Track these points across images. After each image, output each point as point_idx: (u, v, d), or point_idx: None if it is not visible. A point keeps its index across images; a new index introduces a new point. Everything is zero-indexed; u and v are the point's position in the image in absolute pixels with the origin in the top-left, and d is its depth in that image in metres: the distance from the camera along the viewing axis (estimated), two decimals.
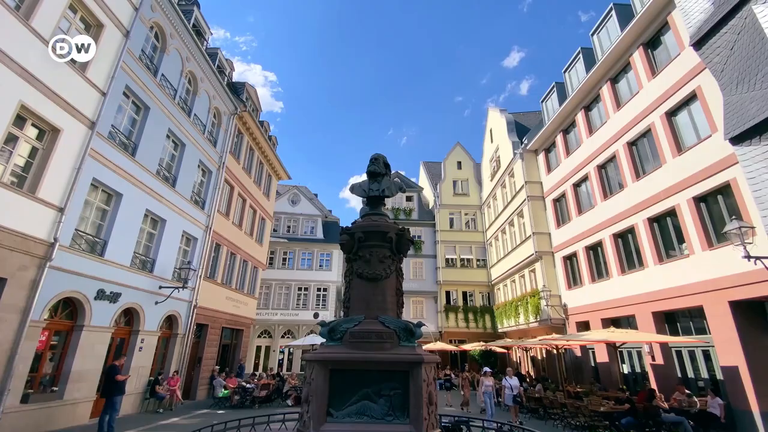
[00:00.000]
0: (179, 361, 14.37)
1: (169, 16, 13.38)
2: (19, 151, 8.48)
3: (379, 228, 4.49)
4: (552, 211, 19.16)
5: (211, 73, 16.31)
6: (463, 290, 26.82)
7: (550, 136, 19.70)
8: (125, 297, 11.42)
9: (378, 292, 4.27)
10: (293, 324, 27.38)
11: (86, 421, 10.10)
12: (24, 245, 8.32)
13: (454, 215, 28.91)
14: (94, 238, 10.60)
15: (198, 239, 15.52)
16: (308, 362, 4.04)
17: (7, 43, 7.85)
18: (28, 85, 8.36)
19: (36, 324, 8.72)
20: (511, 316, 21.88)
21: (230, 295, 18.64)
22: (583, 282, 16.39)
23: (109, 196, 11.16)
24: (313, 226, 30.51)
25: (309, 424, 3.59)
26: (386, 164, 5.31)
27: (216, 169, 16.92)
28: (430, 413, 3.67)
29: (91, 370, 10.33)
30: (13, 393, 8.22)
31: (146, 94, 12.27)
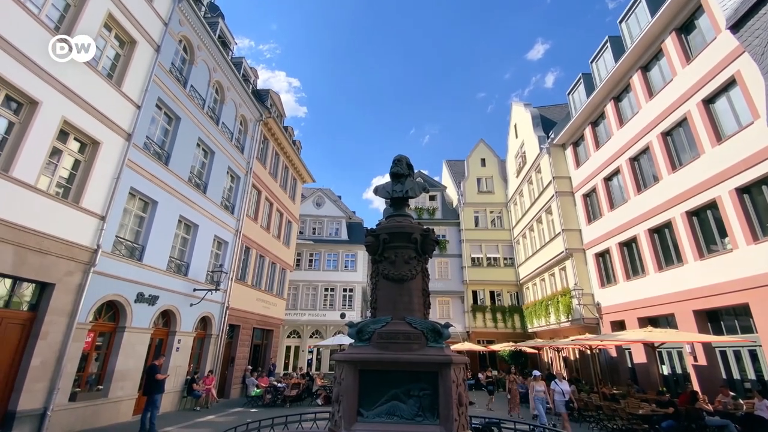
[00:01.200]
0: (213, 360, 14.90)
1: (196, 29, 13.91)
2: (63, 164, 9.06)
3: (404, 229, 4.51)
4: (582, 206, 18.55)
5: (236, 81, 16.82)
6: (491, 290, 26.38)
7: (578, 129, 19.09)
8: (162, 299, 11.96)
9: (404, 293, 4.29)
10: (321, 324, 27.80)
11: (129, 418, 10.64)
12: (70, 252, 8.87)
13: (479, 213, 28.50)
14: (133, 244, 11.17)
15: (229, 243, 16.04)
16: (338, 362, 4.11)
17: (48, 63, 8.39)
18: (70, 102, 8.91)
19: (82, 326, 9.28)
20: (541, 315, 21.35)
21: (260, 297, 19.14)
22: (617, 280, 15.78)
23: (146, 204, 11.73)
24: (337, 228, 30.87)
25: (340, 423, 3.66)
26: (409, 165, 5.32)
27: (244, 174, 17.44)
28: (461, 414, 3.65)
29: (133, 370, 10.88)
30: (62, 391, 8.78)
31: (177, 105, 12.81)
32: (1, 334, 7.76)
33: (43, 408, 8.30)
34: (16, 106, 8.00)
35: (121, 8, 10.43)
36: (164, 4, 12.23)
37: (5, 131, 7.80)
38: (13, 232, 7.63)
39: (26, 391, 7.98)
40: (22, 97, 8.01)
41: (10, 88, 7.73)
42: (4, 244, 7.51)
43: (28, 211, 7.95)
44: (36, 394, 8.20)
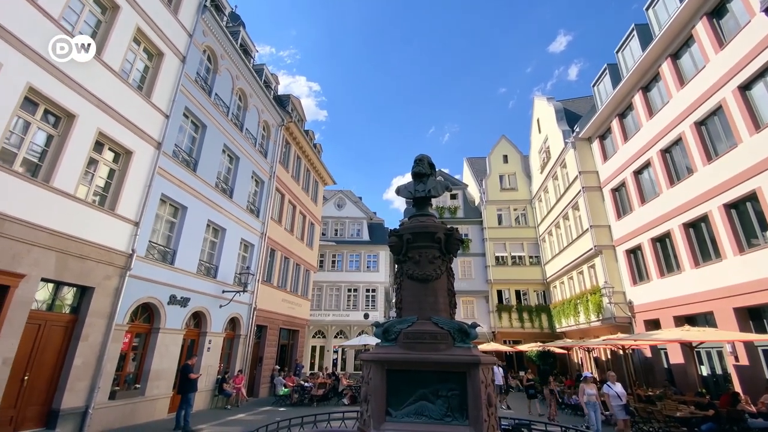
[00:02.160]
0: (243, 360, 15.29)
1: (219, 39, 14.33)
2: (99, 173, 9.52)
3: (427, 229, 4.50)
4: (611, 201, 17.94)
5: (258, 88, 17.22)
6: (516, 289, 25.89)
7: (604, 121, 18.48)
8: (193, 301, 12.38)
9: (429, 293, 4.28)
10: (345, 324, 28.04)
11: (165, 415, 11.06)
12: (107, 257, 9.32)
13: (502, 211, 28.03)
14: (165, 248, 11.61)
15: (255, 245, 16.43)
16: (365, 362, 4.15)
17: (84, 77, 8.84)
18: (104, 114, 9.36)
19: (120, 327, 9.72)
20: (569, 314, 20.77)
21: (286, 298, 19.50)
22: (651, 277, 15.16)
23: (176, 210, 12.18)
24: (359, 229, 31.08)
25: (369, 422, 3.69)
26: (431, 164, 5.30)
27: (268, 178, 17.82)
28: (490, 415, 3.61)
29: (167, 369, 11.31)
30: (103, 390, 9.22)
31: (203, 114, 13.24)
32: (46, 336, 8.23)
33: (85, 406, 8.74)
34: (54, 119, 8.47)
35: (149, 22, 10.88)
36: (188, 16, 12.67)
37: (45, 143, 8.27)
38: (54, 239, 8.09)
39: (69, 390, 8.43)
40: (60, 111, 8.47)
41: (49, 102, 8.19)
42: (47, 251, 7.97)
43: (68, 219, 8.40)
44: (78, 393, 8.65)
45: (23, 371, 7.74)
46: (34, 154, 8.05)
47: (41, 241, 7.81)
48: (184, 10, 12.46)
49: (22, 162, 7.74)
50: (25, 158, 7.80)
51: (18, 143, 7.70)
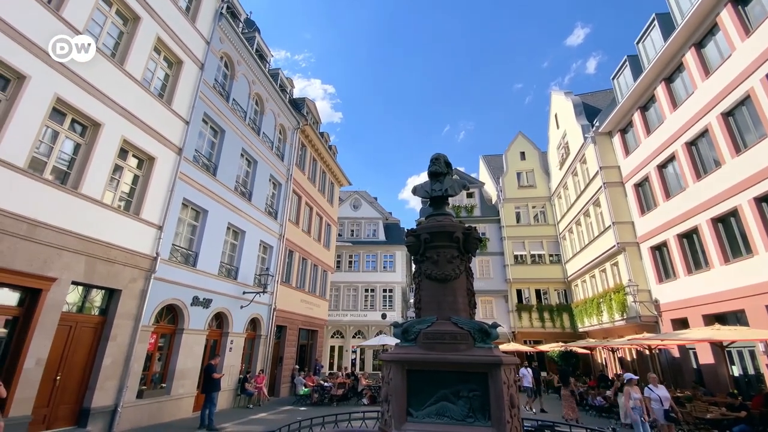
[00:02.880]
0: (263, 360, 15.53)
1: (235, 45, 14.61)
2: (124, 179, 9.85)
3: (445, 228, 4.47)
4: (634, 197, 17.43)
5: (274, 92, 17.47)
6: (536, 288, 25.44)
7: (625, 115, 17.97)
8: (215, 302, 12.65)
9: (448, 293, 4.25)
10: (363, 325, 28.14)
11: (189, 414, 11.34)
12: (133, 260, 9.63)
13: (520, 209, 27.60)
14: (188, 251, 11.91)
15: (273, 247, 16.68)
16: (385, 362, 4.15)
17: (108, 87, 9.15)
18: (128, 122, 9.67)
19: (146, 328, 10.02)
20: (592, 314, 20.28)
21: (304, 298, 19.71)
22: (677, 274, 14.65)
23: (197, 213, 12.47)
24: (375, 229, 31.16)
25: (390, 422, 3.69)
26: (447, 163, 5.27)
27: (285, 181, 18.06)
28: (513, 416, 3.56)
29: (192, 369, 11.59)
30: (131, 389, 9.53)
31: (221, 119, 13.52)
32: (76, 337, 8.56)
33: (114, 405, 9.05)
34: (81, 128, 8.80)
35: (168, 31, 11.18)
36: (206, 23, 12.96)
37: (73, 152, 8.60)
38: (83, 244, 8.40)
39: (99, 389, 8.74)
40: (86, 120, 8.80)
41: (76, 112, 8.52)
42: (77, 255, 8.29)
43: (96, 224, 8.71)
44: (107, 392, 8.96)
45: (55, 371, 8.06)
46: (62, 163, 8.39)
47: (71, 245, 8.13)
48: (202, 18, 12.76)
49: (52, 170, 8.08)
50: (54, 166, 8.14)
51: (47, 152, 8.03)
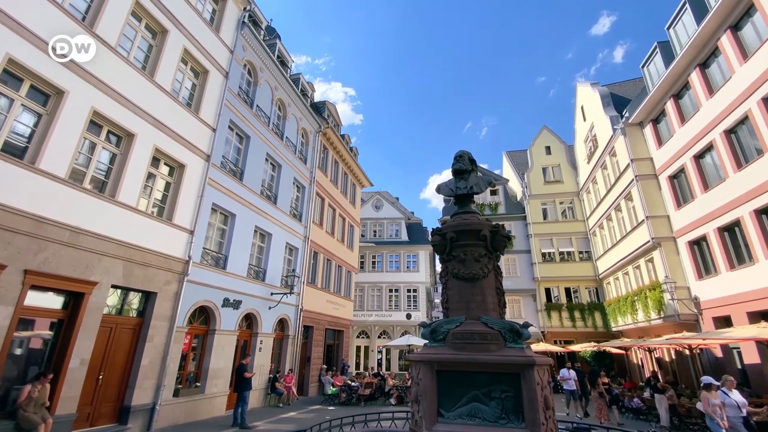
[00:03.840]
0: (292, 360, 15.82)
1: (257, 53, 14.95)
2: (157, 187, 10.26)
3: (471, 226, 4.40)
4: (669, 189, 16.63)
5: (296, 97, 17.77)
6: (566, 286, 24.69)
7: (657, 103, 17.18)
8: (245, 304, 12.98)
9: (477, 292, 4.18)
10: (388, 325, 28.17)
11: (223, 412, 11.68)
12: (167, 264, 10.01)
13: (547, 205, 26.88)
14: (218, 254, 12.28)
15: (299, 249, 16.96)
16: (413, 362, 4.13)
17: (140, 98, 9.56)
18: (159, 132, 10.07)
19: (180, 329, 10.40)
20: (626, 312, 19.49)
21: (330, 299, 19.93)
22: (719, 270, 13.86)
23: (226, 217, 12.84)
24: (397, 229, 31.14)
25: (421, 423, 3.67)
26: (471, 160, 5.19)
27: (308, 184, 18.34)
28: (548, 418, 3.46)
29: (224, 368, 11.94)
30: (168, 388, 9.91)
31: (246, 125, 13.87)
32: (116, 338, 8.98)
33: (152, 403, 9.43)
34: (116, 139, 9.23)
35: (194, 43, 11.57)
36: (229, 33, 13.33)
37: (109, 162, 9.03)
38: (121, 249, 8.81)
39: (138, 388, 9.13)
40: (121, 131, 9.22)
41: (111, 124, 8.94)
42: (115, 260, 8.70)
43: (132, 230, 9.11)
44: (146, 391, 9.34)
45: (98, 371, 8.48)
46: (100, 172, 8.83)
47: (110, 251, 8.54)
48: (225, 27, 13.13)
49: (91, 180, 8.51)
50: (93, 176, 8.57)
51: (86, 163, 8.47)
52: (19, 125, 7.33)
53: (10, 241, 6.79)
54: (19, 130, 7.32)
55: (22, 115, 7.39)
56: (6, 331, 6.66)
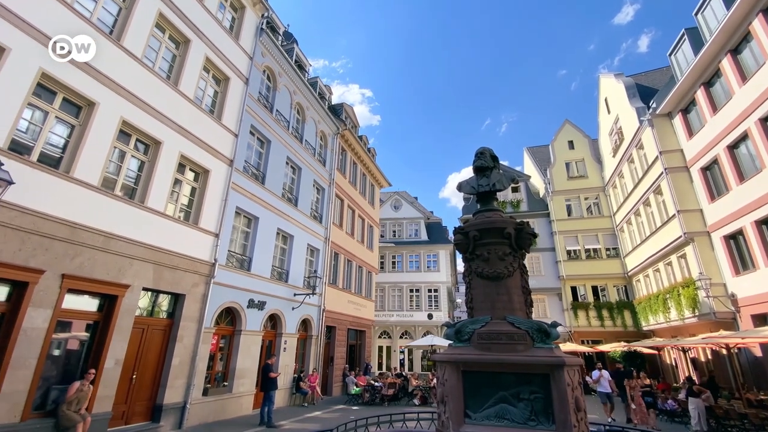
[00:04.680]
0: (315, 359, 15.99)
1: (276, 58, 15.20)
2: (183, 192, 10.57)
3: (495, 224, 4.32)
4: (701, 182, 15.91)
5: (314, 100, 17.97)
6: (593, 284, 23.96)
7: (686, 92, 16.47)
8: (269, 304, 13.22)
9: (502, 292, 4.10)
10: (409, 325, 28.09)
11: (250, 411, 11.91)
12: (194, 267, 10.30)
13: (571, 201, 26.17)
14: (242, 257, 12.55)
15: (320, 250, 17.14)
16: (439, 363, 4.10)
17: (165, 107, 9.87)
18: (185, 139, 10.37)
19: (208, 330, 10.67)
20: (658, 311, 18.75)
21: (351, 299, 20.04)
22: (757, 265, 13.15)
23: (249, 220, 13.11)
24: (416, 229, 31.01)
25: (448, 424, 3.64)
26: (493, 157, 5.11)
27: (327, 185, 18.51)
28: (580, 420, 3.36)
29: (250, 368, 12.18)
30: (197, 387, 10.18)
31: (267, 130, 14.12)
32: (148, 339, 9.29)
33: (183, 401, 9.71)
34: (144, 147, 9.57)
35: (216, 51, 11.86)
36: (248, 40, 13.60)
37: (138, 169, 9.37)
38: (151, 253, 9.12)
39: (170, 387, 9.42)
40: (149, 139, 9.55)
41: (139, 133, 9.28)
42: (146, 263, 9.01)
43: (161, 234, 9.42)
44: (177, 390, 9.63)
45: (131, 370, 8.80)
46: (129, 180, 9.17)
47: (140, 255, 8.85)
48: (244, 35, 13.41)
49: (121, 187, 8.85)
50: (123, 183, 8.91)
51: (116, 171, 8.81)
52: (54, 136, 7.69)
53: (48, 247, 7.14)
54: (54, 141, 7.69)
55: (56, 127, 7.76)
56: (45, 333, 7.00)
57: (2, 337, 6.54)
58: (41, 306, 6.98)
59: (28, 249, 6.85)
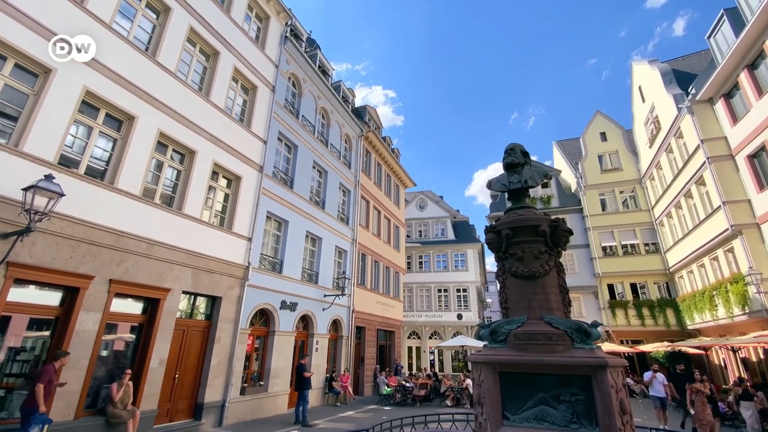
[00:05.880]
0: (346, 360, 16.17)
1: (300, 65, 15.51)
2: (217, 198, 10.97)
3: (528, 222, 4.22)
4: (748, 170, 14.89)
5: (338, 104, 18.19)
6: (631, 281, 22.89)
7: (728, 76, 15.48)
8: (301, 306, 13.50)
9: (538, 291, 4.00)
10: (438, 325, 27.87)
11: (285, 410, 12.19)
12: (230, 270, 10.66)
13: (605, 195, 25.13)
14: (273, 259, 12.88)
15: (347, 251, 17.32)
16: (474, 364, 4.04)
17: (198, 117, 10.28)
18: (217, 147, 10.76)
19: (244, 331, 11.02)
20: (704, 308, 17.70)
21: (379, 300, 20.12)
22: None
23: (279, 224, 13.44)
24: (443, 228, 30.74)
25: (486, 426, 3.58)
26: (524, 152, 4.98)
27: (353, 187, 18.69)
28: (625, 423, 3.23)
29: (284, 368, 12.47)
30: (235, 386, 10.52)
31: (293, 135, 14.43)
32: (188, 340, 9.69)
33: (222, 400, 10.07)
34: (179, 157, 10.00)
35: (243, 61, 12.23)
36: (273, 48, 13.95)
37: (175, 178, 9.80)
38: (189, 258, 9.52)
39: (209, 386, 9.79)
40: (184, 149, 9.98)
41: (175, 143, 9.71)
42: (184, 268, 9.41)
43: (198, 240, 9.81)
44: (216, 389, 9.99)
45: (174, 370, 9.21)
46: (167, 189, 9.61)
47: (180, 259, 9.26)
48: (269, 43, 13.76)
49: (160, 196, 9.28)
50: (162, 192, 9.35)
51: (155, 180, 9.26)
52: (98, 149, 8.18)
53: (96, 254, 7.59)
54: (98, 154, 8.17)
55: (100, 141, 8.24)
56: (96, 335, 7.45)
57: (57, 339, 7.01)
58: (91, 309, 7.43)
59: (79, 256, 7.31)
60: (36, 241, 6.69)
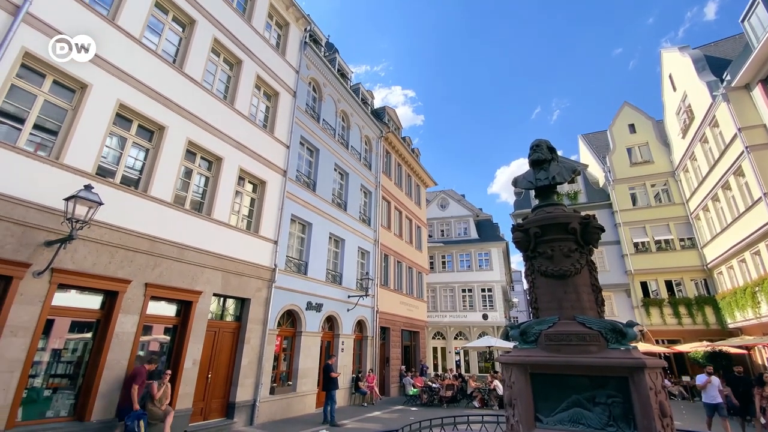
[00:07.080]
0: (372, 360, 16.25)
1: (320, 69, 15.71)
2: (243, 203, 11.27)
3: (557, 219, 4.13)
4: None
5: (357, 106, 18.32)
6: (666, 279, 21.90)
7: (766, 60, 14.60)
8: (326, 306, 13.67)
9: (569, 290, 3.90)
10: (463, 326, 27.57)
11: (313, 410, 12.37)
12: (257, 272, 10.92)
13: (635, 189, 24.18)
14: (299, 261, 13.11)
15: (370, 252, 17.41)
16: (505, 365, 3.99)
17: (224, 125, 10.58)
18: (242, 153, 11.05)
19: (272, 332, 11.25)
20: (746, 306, 16.76)
21: (403, 300, 20.11)
22: None
23: (304, 226, 13.67)
24: (465, 227, 30.40)
25: (518, 428, 3.53)
26: (550, 148, 4.87)
27: (374, 189, 18.77)
28: (666, 426, 3.11)
29: (312, 368, 12.66)
30: (264, 386, 10.76)
31: (315, 139, 14.65)
32: (220, 341, 9.99)
33: (253, 399, 10.32)
34: (207, 164, 10.32)
35: (265, 69, 12.50)
36: (294, 54, 14.19)
37: (204, 184, 10.13)
38: (219, 261, 9.81)
39: (240, 386, 10.05)
40: (211, 156, 10.29)
41: (203, 151, 10.04)
42: (215, 271, 9.70)
43: (227, 243, 10.10)
44: (247, 389, 10.25)
45: (207, 370, 9.50)
46: (197, 195, 9.93)
47: (210, 263, 9.56)
48: (290, 50, 14.01)
49: (190, 202, 9.61)
50: (192, 198, 9.68)
51: (185, 187, 9.59)
52: (131, 159, 8.55)
53: (132, 259, 7.94)
54: (131, 163, 8.55)
55: (133, 151, 8.61)
56: (134, 336, 7.79)
57: (98, 341, 7.37)
58: (129, 312, 7.78)
59: (117, 261, 7.67)
60: (77, 248, 7.06)
